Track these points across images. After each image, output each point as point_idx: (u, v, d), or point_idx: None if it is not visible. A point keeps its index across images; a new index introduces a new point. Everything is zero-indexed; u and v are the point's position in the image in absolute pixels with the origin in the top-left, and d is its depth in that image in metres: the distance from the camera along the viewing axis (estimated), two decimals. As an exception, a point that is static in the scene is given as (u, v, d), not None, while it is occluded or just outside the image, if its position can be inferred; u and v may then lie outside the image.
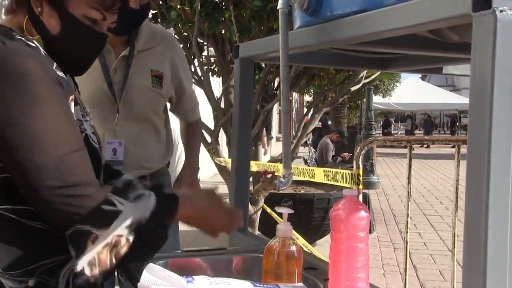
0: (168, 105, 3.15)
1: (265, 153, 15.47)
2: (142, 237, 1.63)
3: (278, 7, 1.87)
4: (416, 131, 44.49)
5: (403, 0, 1.55)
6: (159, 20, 5.47)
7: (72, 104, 1.70)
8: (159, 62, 2.94)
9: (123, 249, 1.61)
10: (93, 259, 1.58)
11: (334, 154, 15.49)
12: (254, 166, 5.70)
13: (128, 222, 1.60)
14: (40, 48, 1.68)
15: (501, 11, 1.24)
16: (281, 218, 5.58)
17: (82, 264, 1.57)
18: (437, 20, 1.43)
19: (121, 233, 1.60)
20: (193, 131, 3.28)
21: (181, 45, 5.07)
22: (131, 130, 2.86)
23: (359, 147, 3.76)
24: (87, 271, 1.58)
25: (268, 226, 6.63)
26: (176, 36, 5.23)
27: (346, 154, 16.09)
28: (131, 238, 1.61)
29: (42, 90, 1.58)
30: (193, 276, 1.52)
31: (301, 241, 5.69)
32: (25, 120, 1.56)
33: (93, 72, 2.78)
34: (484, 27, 1.26)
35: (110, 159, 2.75)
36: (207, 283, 1.48)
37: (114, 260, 1.60)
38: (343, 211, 1.63)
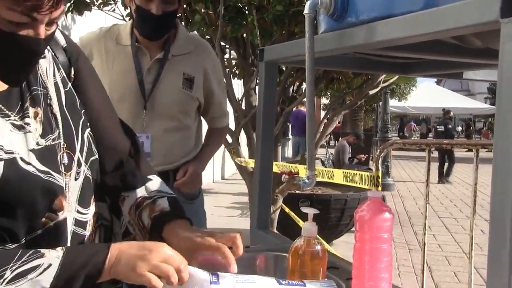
0: None
1: None
2: None
3: (304, 12, 1.87)
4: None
5: (429, 6, 1.55)
6: (183, 23, 5.49)
7: None
8: (192, 67, 3.02)
9: None
10: None
11: (350, 155, 15.50)
12: (274, 167, 5.71)
13: None
14: None
15: (529, 18, 1.23)
16: (300, 218, 5.56)
17: None
18: (465, 26, 1.42)
19: None
20: (214, 136, 3.31)
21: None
22: (157, 126, 2.94)
23: (378, 150, 3.75)
24: None
25: (286, 225, 6.64)
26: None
27: (362, 156, 16.12)
28: None
29: None
30: (219, 273, 1.51)
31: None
32: None
33: (128, 71, 2.90)
34: (512, 32, 1.25)
35: None
36: (232, 281, 1.48)
37: None
38: (368, 212, 1.62)
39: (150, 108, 2.92)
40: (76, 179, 1.60)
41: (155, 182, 1.86)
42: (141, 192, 1.82)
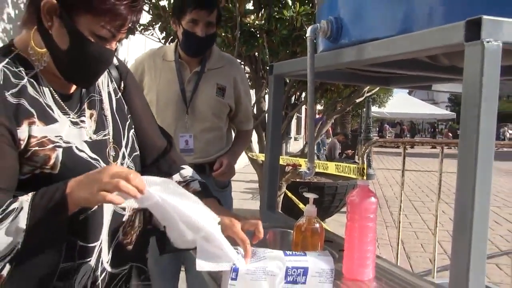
0: None
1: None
2: (24, 259, 1.32)
3: (306, 35, 1.86)
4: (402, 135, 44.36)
5: (408, 30, 1.53)
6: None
7: (34, 128, 1.41)
8: (224, 78, 3.03)
9: None
10: None
11: (340, 151, 15.52)
12: (280, 160, 5.71)
13: None
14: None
15: (487, 42, 1.23)
16: (301, 201, 5.55)
17: None
18: (435, 47, 1.40)
19: None
20: (241, 137, 3.28)
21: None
22: (196, 127, 2.96)
23: (363, 147, 3.74)
24: None
25: (288, 207, 6.64)
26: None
27: (349, 151, 16.15)
28: (5, 272, 1.28)
29: None
30: (238, 247, 1.49)
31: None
32: None
33: (172, 82, 2.92)
34: (474, 53, 1.24)
35: (183, 148, 2.92)
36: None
37: None
38: (357, 197, 1.62)
39: (191, 112, 2.93)
40: None
41: (187, 170, 1.87)
42: (176, 177, 1.82)
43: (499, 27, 1.24)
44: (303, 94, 6.82)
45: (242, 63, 5.99)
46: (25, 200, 1.31)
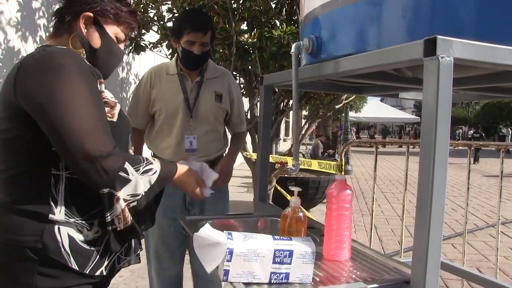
0: None
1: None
2: (139, 204, 1.58)
3: (291, 52, 1.86)
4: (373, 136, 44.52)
5: (376, 47, 1.54)
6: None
7: (102, 86, 1.61)
8: (220, 86, 3.01)
9: (130, 212, 1.56)
10: (120, 214, 1.52)
11: (322, 150, 15.53)
12: (270, 158, 5.71)
13: (133, 191, 1.54)
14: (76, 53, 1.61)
15: (442, 57, 1.25)
16: (288, 193, 5.56)
17: (111, 217, 1.52)
18: (400, 62, 1.42)
19: (128, 199, 1.54)
20: (236, 139, 3.24)
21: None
22: (200, 129, 2.93)
23: (342, 146, 3.75)
24: (116, 222, 1.53)
25: (278, 198, 6.63)
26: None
27: (330, 150, 16.14)
28: (132, 205, 1.56)
29: (74, 76, 1.47)
30: (232, 232, 1.50)
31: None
32: (62, 99, 1.44)
33: (177, 92, 2.90)
34: (432, 67, 1.26)
35: (188, 148, 2.90)
36: (242, 237, 1.47)
37: (130, 217, 1.56)
38: (335, 189, 1.62)
39: (194, 116, 2.90)
40: None
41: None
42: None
43: (450, 45, 1.26)
44: (290, 102, 6.83)
45: (238, 75, 6.00)
46: (157, 166, 1.63)
